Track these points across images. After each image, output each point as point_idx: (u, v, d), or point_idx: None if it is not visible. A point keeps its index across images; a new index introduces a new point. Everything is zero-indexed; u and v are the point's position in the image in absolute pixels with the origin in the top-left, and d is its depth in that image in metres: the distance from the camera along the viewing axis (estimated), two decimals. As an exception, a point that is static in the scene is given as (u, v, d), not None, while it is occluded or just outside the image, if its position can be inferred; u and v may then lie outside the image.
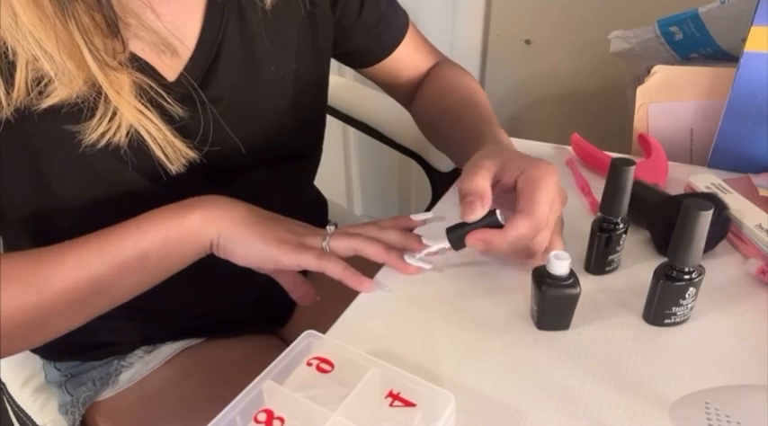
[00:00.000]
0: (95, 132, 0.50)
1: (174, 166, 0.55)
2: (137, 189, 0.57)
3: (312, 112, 0.72)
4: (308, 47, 0.66)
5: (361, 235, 0.56)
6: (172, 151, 0.54)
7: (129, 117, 0.50)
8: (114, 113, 0.50)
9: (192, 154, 0.56)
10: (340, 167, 1.62)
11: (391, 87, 0.81)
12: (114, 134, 0.51)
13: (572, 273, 0.48)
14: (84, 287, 0.50)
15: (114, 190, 0.56)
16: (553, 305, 0.49)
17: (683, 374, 0.46)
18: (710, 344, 0.49)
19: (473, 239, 0.51)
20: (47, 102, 0.48)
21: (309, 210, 0.83)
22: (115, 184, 0.56)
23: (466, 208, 0.49)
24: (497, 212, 0.50)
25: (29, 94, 0.47)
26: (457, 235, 0.52)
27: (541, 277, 0.48)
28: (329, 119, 1.05)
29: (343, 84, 1.16)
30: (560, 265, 0.47)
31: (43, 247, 0.51)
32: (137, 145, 0.53)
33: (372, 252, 0.55)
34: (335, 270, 0.53)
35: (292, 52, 0.64)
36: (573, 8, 1.16)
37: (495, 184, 0.52)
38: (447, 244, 0.53)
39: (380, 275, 0.57)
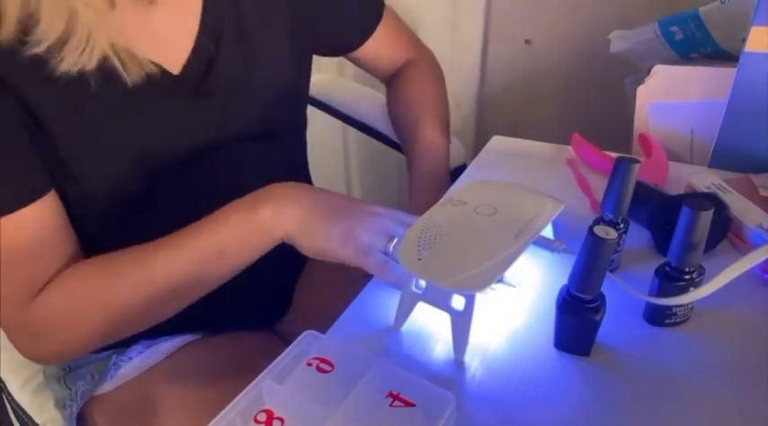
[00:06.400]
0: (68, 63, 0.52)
1: (131, 77, 0.56)
2: None
3: (298, 87, 0.75)
4: (293, 29, 0.69)
5: None
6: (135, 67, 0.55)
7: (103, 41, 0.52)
8: (87, 42, 0.51)
9: (152, 67, 0.57)
10: (340, 167, 1.62)
11: (373, 73, 0.89)
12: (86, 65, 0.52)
13: (598, 298, 0.46)
14: (178, 281, 0.56)
15: None
16: (569, 326, 0.47)
17: (683, 374, 0.46)
18: (710, 344, 0.49)
19: None
20: (39, 48, 0.50)
21: None
22: None
23: None
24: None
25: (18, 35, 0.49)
26: None
27: (565, 296, 0.46)
28: (329, 118, 1.05)
29: (343, 83, 1.15)
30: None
31: (115, 254, 0.57)
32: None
33: None
34: (393, 279, 0.53)
35: (283, 34, 0.68)
36: (573, 8, 1.16)
37: None
38: None
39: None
